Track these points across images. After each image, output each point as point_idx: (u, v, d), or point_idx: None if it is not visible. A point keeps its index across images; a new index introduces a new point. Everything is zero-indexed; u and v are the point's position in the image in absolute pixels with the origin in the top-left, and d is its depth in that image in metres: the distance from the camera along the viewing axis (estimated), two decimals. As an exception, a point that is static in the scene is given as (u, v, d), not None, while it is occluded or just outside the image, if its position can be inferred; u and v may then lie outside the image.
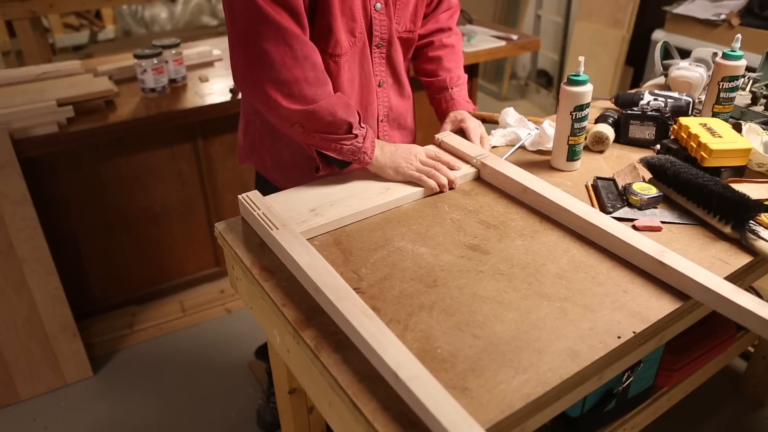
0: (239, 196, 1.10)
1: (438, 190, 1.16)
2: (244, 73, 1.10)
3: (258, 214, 1.04)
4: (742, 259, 0.97)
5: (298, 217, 1.06)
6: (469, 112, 1.38)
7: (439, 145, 1.30)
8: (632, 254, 0.95)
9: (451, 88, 1.38)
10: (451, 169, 1.20)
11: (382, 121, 1.33)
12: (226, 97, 2.06)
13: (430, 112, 1.46)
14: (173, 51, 2.14)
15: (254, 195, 1.10)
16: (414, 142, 1.45)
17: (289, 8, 1.06)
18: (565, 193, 1.09)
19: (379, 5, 1.19)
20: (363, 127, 1.15)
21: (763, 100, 1.42)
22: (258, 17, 1.04)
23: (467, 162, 1.24)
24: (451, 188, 1.18)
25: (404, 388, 0.71)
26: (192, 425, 1.85)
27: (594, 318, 0.85)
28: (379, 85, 1.29)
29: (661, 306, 0.87)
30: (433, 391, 0.70)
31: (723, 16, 2.79)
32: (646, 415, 1.34)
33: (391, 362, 0.73)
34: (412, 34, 1.31)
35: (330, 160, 1.17)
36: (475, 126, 1.33)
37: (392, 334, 0.78)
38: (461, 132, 1.34)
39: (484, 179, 1.22)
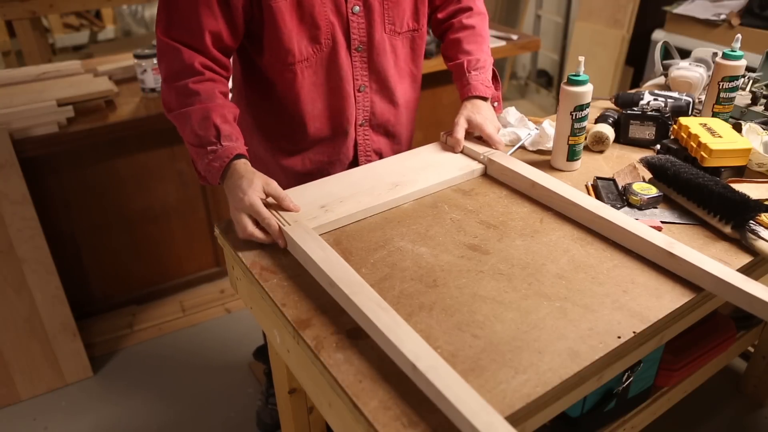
0: None
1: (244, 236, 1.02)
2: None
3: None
4: (743, 259, 0.97)
5: (308, 213, 1.07)
6: (486, 98, 1.29)
7: (445, 142, 1.30)
8: (643, 247, 0.96)
9: (469, 72, 1.29)
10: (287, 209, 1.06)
11: (362, 125, 1.31)
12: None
13: (431, 111, 1.45)
14: (173, 51, 2.13)
15: None
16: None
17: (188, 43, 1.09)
18: (573, 187, 1.10)
19: (357, 8, 1.17)
20: (220, 146, 1.05)
21: (763, 100, 1.42)
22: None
23: (474, 159, 1.24)
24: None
25: (422, 379, 0.73)
26: (192, 425, 1.85)
27: (594, 318, 0.85)
28: (359, 90, 1.26)
29: (661, 306, 0.87)
30: (451, 380, 0.71)
31: (723, 16, 2.79)
32: (646, 415, 1.34)
33: (409, 354, 0.75)
34: (417, 33, 1.29)
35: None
36: (493, 132, 1.25)
37: (408, 325, 0.79)
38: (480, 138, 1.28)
39: (491, 175, 1.22)
